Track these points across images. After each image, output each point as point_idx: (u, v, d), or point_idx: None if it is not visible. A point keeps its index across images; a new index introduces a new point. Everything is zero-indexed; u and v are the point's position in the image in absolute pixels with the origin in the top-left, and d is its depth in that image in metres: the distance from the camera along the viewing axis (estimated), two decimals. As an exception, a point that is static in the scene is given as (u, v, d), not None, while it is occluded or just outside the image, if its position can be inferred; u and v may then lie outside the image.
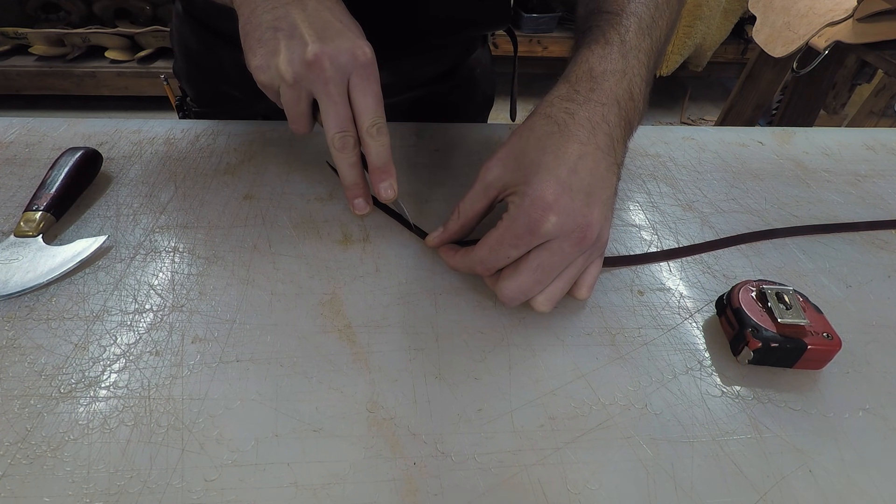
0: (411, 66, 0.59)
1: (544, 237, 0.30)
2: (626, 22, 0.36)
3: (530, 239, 0.31)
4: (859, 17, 1.14)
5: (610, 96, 0.33)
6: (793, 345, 0.31)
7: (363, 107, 0.35)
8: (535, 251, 0.31)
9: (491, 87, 0.73)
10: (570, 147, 0.31)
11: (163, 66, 2.00)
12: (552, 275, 0.32)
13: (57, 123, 0.51)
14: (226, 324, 0.33)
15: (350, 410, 0.29)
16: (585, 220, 0.31)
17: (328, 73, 0.33)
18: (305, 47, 0.33)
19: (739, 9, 2.10)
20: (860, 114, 1.28)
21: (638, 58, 0.35)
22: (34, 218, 0.38)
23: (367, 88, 0.35)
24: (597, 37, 0.36)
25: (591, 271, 0.34)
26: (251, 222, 0.41)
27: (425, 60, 0.60)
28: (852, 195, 0.49)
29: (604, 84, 0.33)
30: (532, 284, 0.32)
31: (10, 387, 0.29)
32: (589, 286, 0.34)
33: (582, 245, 0.31)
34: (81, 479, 0.26)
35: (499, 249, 0.32)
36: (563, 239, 0.31)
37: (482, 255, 0.33)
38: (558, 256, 0.31)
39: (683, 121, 2.28)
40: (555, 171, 0.31)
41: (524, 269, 0.31)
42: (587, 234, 0.31)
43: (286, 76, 0.34)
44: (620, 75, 0.34)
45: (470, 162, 0.50)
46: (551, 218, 0.30)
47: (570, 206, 0.30)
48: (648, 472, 0.27)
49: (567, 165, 0.31)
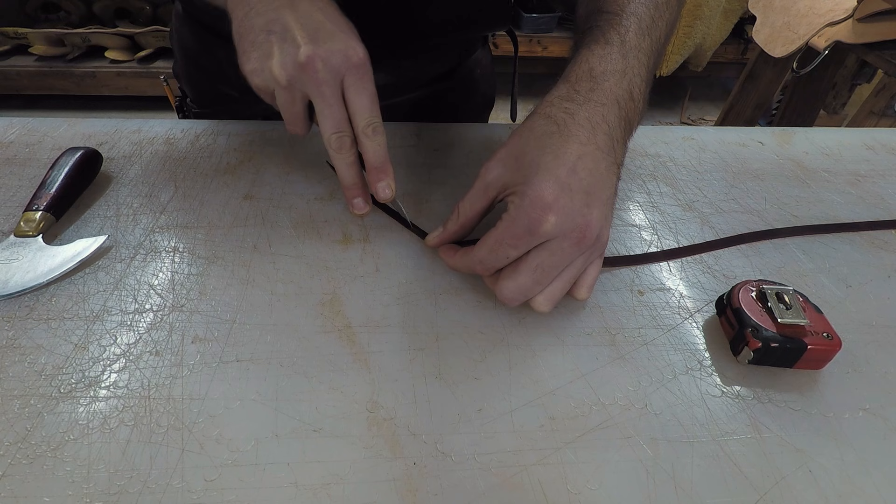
0: (411, 66, 0.59)
1: (543, 237, 0.30)
2: (625, 22, 0.36)
3: (529, 239, 0.31)
4: (859, 17, 1.14)
5: (610, 96, 0.33)
6: (793, 345, 0.31)
7: (358, 107, 0.35)
8: (534, 251, 0.31)
9: (491, 87, 0.73)
10: (570, 147, 0.31)
11: (163, 66, 2.00)
12: (552, 275, 0.32)
13: (57, 123, 0.51)
14: (226, 324, 0.33)
15: (350, 410, 0.29)
16: (585, 220, 0.31)
17: (321, 75, 0.33)
18: (298, 49, 0.33)
19: (739, 9, 2.10)
20: (860, 114, 1.28)
21: (638, 58, 0.35)
22: (34, 218, 0.38)
23: (361, 88, 0.35)
24: (597, 37, 0.36)
25: (591, 271, 0.34)
26: (251, 222, 0.41)
27: (425, 60, 0.60)
28: (852, 195, 0.49)
29: (604, 84, 0.33)
30: (531, 284, 0.32)
31: (10, 387, 0.29)
32: (589, 286, 0.34)
33: (581, 245, 0.31)
34: (81, 479, 0.26)
35: (498, 249, 0.32)
36: (562, 239, 0.31)
37: (481, 256, 0.33)
38: (558, 256, 0.31)
39: (683, 121, 2.28)
40: (554, 171, 0.31)
41: (524, 270, 0.31)
42: (586, 233, 0.31)
43: (280, 79, 0.34)
44: (620, 75, 0.34)
45: (469, 162, 0.50)
46: (550, 218, 0.30)
47: (570, 206, 0.30)
48: (648, 472, 0.27)
49: (567, 165, 0.31)
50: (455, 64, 0.63)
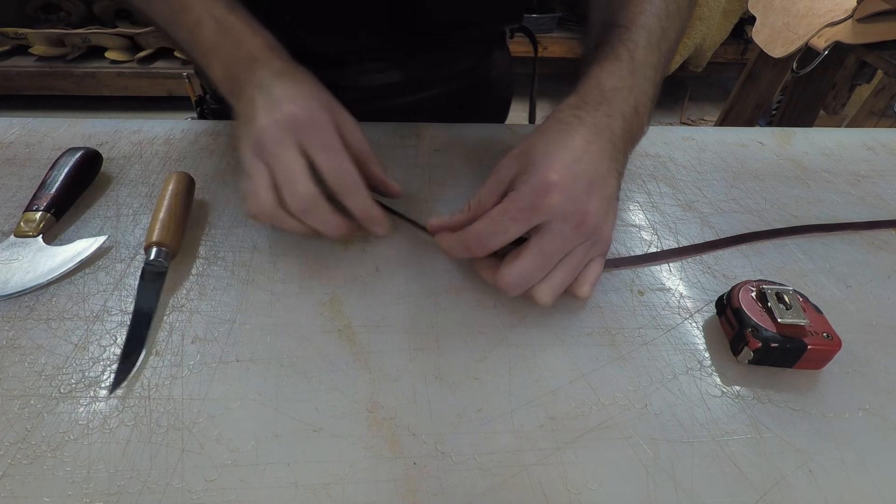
0: (423, 63, 0.58)
1: (545, 215, 0.31)
2: (635, 37, 0.37)
3: (531, 214, 0.31)
4: (859, 17, 1.14)
5: (616, 110, 0.34)
6: (793, 345, 0.31)
7: (320, 168, 0.34)
8: (535, 236, 0.32)
9: (508, 90, 0.73)
10: (576, 141, 0.32)
11: (163, 66, 2.00)
12: (553, 260, 0.32)
13: (57, 123, 0.51)
14: (226, 324, 0.33)
15: (350, 410, 0.29)
16: (584, 207, 0.31)
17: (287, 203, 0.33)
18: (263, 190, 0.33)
19: (739, 9, 2.10)
20: (860, 114, 1.28)
21: (645, 74, 0.37)
22: (34, 218, 0.38)
23: (318, 148, 0.34)
24: (607, 53, 0.37)
25: (593, 269, 0.35)
26: (251, 222, 0.41)
27: (439, 59, 0.59)
28: (852, 195, 0.49)
29: (611, 100, 0.35)
30: (534, 270, 0.32)
31: (10, 387, 0.29)
32: (590, 284, 0.34)
33: (580, 230, 0.32)
34: (81, 479, 0.26)
35: (499, 221, 0.32)
36: (562, 222, 0.31)
37: (479, 227, 0.33)
38: (559, 240, 0.32)
39: (683, 121, 2.28)
40: (561, 156, 0.32)
41: (526, 254, 0.32)
42: (586, 219, 0.32)
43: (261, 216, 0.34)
44: (627, 92, 0.35)
45: (470, 162, 0.50)
46: (554, 196, 0.31)
47: (572, 190, 0.31)
48: (648, 472, 0.27)
49: (572, 154, 0.32)
50: (471, 64, 0.63)
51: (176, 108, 2.06)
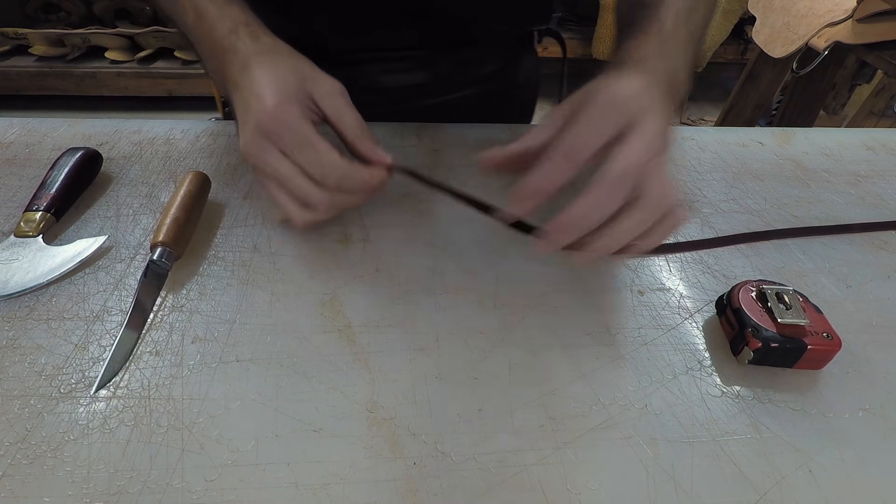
0: (450, 66, 0.58)
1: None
2: (663, 14, 0.37)
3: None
4: (859, 17, 1.14)
5: (651, 69, 0.33)
6: (793, 345, 0.31)
7: (302, 166, 0.34)
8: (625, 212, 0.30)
9: (534, 93, 0.72)
10: (653, 123, 0.30)
11: (163, 66, 2.00)
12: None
13: (57, 123, 0.51)
14: (226, 324, 0.33)
15: (350, 410, 0.29)
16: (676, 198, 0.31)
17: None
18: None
19: (739, 9, 2.10)
20: (860, 114, 1.28)
21: (676, 41, 0.36)
22: (34, 218, 0.38)
23: (293, 144, 0.33)
24: (635, 32, 0.37)
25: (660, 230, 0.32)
26: (251, 222, 0.41)
27: (465, 61, 0.59)
28: (852, 195, 0.49)
29: (646, 63, 0.34)
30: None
31: (10, 387, 0.29)
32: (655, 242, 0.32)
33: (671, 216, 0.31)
34: (81, 479, 0.26)
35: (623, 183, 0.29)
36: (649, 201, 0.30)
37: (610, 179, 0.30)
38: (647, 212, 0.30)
39: (683, 121, 2.28)
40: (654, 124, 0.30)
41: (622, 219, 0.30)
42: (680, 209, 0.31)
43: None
44: (658, 58, 0.34)
45: (470, 162, 0.50)
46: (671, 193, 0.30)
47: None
48: (648, 472, 0.27)
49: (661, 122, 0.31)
50: (498, 67, 0.62)
51: (176, 108, 2.06)
